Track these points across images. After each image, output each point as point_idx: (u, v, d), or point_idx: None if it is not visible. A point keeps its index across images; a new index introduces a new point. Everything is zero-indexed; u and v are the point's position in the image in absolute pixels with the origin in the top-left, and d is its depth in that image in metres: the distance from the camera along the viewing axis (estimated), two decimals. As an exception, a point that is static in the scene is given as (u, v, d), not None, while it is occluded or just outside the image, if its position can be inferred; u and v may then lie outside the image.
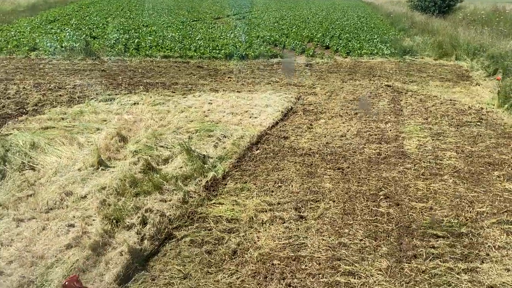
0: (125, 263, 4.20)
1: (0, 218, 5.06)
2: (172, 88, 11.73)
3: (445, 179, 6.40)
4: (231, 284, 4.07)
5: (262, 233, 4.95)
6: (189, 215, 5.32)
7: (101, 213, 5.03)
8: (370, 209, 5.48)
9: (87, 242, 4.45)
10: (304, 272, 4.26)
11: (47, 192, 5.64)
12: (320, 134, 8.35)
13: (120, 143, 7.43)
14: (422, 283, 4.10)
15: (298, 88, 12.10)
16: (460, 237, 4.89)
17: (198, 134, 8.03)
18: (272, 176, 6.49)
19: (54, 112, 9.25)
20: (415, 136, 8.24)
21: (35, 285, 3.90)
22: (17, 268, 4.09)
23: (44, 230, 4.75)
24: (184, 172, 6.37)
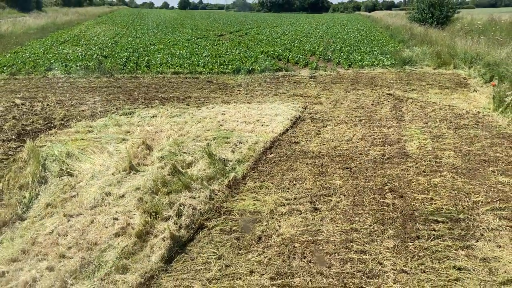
0: (167, 246, 4.87)
1: (51, 215, 5.75)
2: (186, 101, 12.48)
3: (444, 174, 7.06)
4: (260, 261, 4.74)
5: (283, 222, 5.61)
6: (216, 209, 6.00)
7: (140, 208, 5.72)
8: (377, 201, 6.14)
9: (133, 231, 5.13)
10: (322, 251, 4.92)
11: (88, 193, 6.34)
12: (328, 139, 9.04)
13: (146, 151, 8.15)
14: (425, 257, 4.75)
15: (304, 98, 12.84)
16: (458, 222, 5.54)
17: (216, 141, 8.73)
18: (287, 175, 7.17)
19: (80, 125, 9.99)
20: (416, 139, 8.92)
21: (93, 265, 4.57)
22: (76, 252, 4.77)
23: (92, 223, 5.44)
24: (207, 173, 7.06)
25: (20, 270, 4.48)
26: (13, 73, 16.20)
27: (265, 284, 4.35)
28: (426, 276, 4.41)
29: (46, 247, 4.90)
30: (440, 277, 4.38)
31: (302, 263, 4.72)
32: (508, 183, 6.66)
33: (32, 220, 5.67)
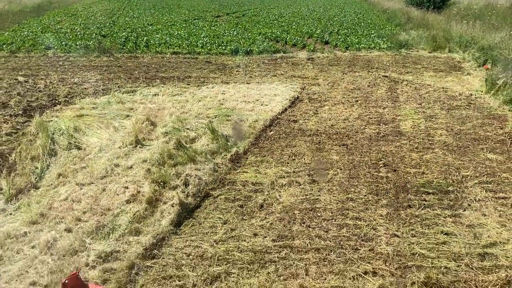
0: (176, 212, 5.22)
1: (64, 184, 6.07)
2: (186, 81, 12.72)
3: (436, 151, 7.43)
4: (262, 226, 5.10)
5: (283, 192, 5.97)
6: (220, 181, 6.34)
7: (149, 178, 6.05)
8: (371, 174, 6.51)
9: (143, 198, 5.47)
10: (320, 218, 5.30)
11: (97, 164, 6.65)
12: (326, 118, 9.36)
13: (150, 127, 8.44)
14: (415, 223, 5.13)
15: (302, 79, 13.10)
16: (447, 193, 5.92)
17: (217, 119, 9.03)
18: (286, 151, 7.51)
19: (84, 102, 10.24)
20: (410, 119, 9.27)
21: (108, 228, 4.91)
22: (91, 216, 5.11)
23: (104, 191, 5.77)
24: (210, 148, 7.38)
25: (40, 231, 4.82)
26: (13, 51, 16.30)
27: (268, 245, 4.72)
28: (416, 240, 4.79)
29: (63, 212, 5.23)
30: (429, 241, 4.77)
31: (302, 228, 5.09)
32: (496, 159, 7.04)
33: (46, 188, 5.99)
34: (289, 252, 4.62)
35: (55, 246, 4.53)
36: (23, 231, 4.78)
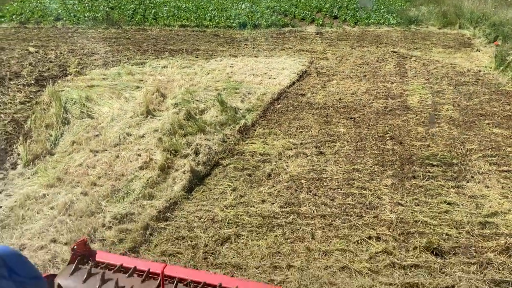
0: (188, 178, 5.41)
1: (78, 151, 6.26)
2: (194, 53, 12.76)
3: (442, 125, 7.53)
4: (270, 193, 5.28)
5: (290, 163, 6.13)
6: (229, 151, 6.50)
7: (161, 146, 6.22)
8: (378, 147, 6.64)
9: (156, 165, 5.65)
10: (326, 187, 5.46)
11: (110, 133, 6.82)
12: (333, 92, 9.44)
13: (160, 98, 8.57)
14: (419, 193, 5.29)
15: (311, 54, 13.10)
16: (451, 166, 6.05)
17: (226, 91, 9.14)
18: (294, 124, 7.63)
19: (94, 73, 10.36)
20: (418, 94, 9.33)
21: (122, 192, 5.11)
22: (106, 181, 5.31)
23: (117, 158, 5.95)
24: (219, 120, 7.52)
25: (58, 193, 5.03)
26: (22, 22, 16.34)
27: (275, 211, 4.90)
28: (419, 208, 4.96)
29: (78, 176, 5.43)
30: (432, 210, 4.93)
31: (308, 196, 5.26)
32: (502, 134, 7.13)
33: (61, 154, 6.19)
34: (296, 217, 4.80)
35: (73, 207, 4.74)
36: (41, 193, 4.99)
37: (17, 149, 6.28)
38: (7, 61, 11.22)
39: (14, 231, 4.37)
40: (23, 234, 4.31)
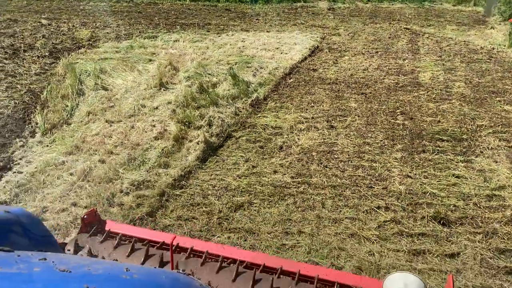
0: (201, 149, 5.55)
1: (94, 121, 6.40)
2: (206, 28, 12.77)
3: (452, 102, 7.55)
4: (282, 164, 5.41)
5: (301, 136, 6.23)
6: (241, 123, 6.62)
7: (174, 118, 6.35)
8: (388, 121, 6.71)
9: (170, 136, 5.79)
10: (337, 159, 5.57)
11: (125, 104, 6.96)
12: (345, 68, 9.45)
13: (172, 71, 8.66)
14: (428, 167, 5.39)
15: (323, 29, 13.04)
16: (461, 141, 6.12)
17: (238, 66, 9.19)
18: (305, 98, 7.70)
19: (107, 46, 10.44)
20: (429, 70, 9.31)
21: (138, 161, 5.27)
22: (123, 150, 5.46)
23: (133, 128, 6.10)
24: (231, 93, 7.60)
25: (76, 161, 5.20)
26: (34, -6, 16.38)
27: (287, 181, 5.04)
28: (428, 181, 5.06)
29: (95, 145, 5.59)
30: (440, 182, 5.04)
31: (319, 168, 5.38)
32: (512, 111, 7.15)
33: (77, 124, 6.34)
34: (307, 187, 4.94)
35: (91, 174, 4.91)
36: (61, 160, 5.16)
37: (35, 118, 6.44)
38: (21, 33, 11.33)
39: (36, 195, 4.56)
40: (45, 198, 4.50)
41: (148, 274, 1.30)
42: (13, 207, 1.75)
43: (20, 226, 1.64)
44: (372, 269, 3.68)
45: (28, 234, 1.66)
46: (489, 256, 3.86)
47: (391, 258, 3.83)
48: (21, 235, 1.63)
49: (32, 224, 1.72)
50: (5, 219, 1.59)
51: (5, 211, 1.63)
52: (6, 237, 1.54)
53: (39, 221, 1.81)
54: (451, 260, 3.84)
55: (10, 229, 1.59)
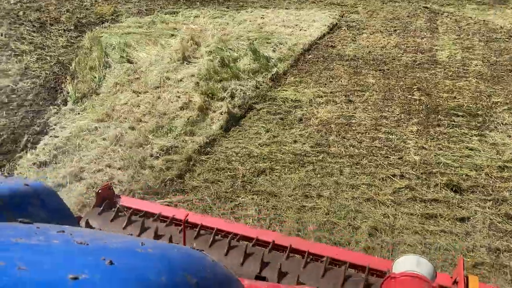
0: (225, 119, 5.82)
1: (121, 92, 6.70)
2: (225, 4, 12.89)
3: (469, 79, 7.68)
4: (301, 135, 5.67)
5: (320, 109, 6.46)
6: (262, 96, 6.86)
7: (198, 90, 6.62)
8: (405, 97, 6.89)
9: (195, 106, 6.07)
10: (354, 131, 5.81)
11: (150, 76, 7.23)
12: (363, 45, 9.57)
13: (194, 46, 8.88)
14: (442, 140, 5.59)
15: (341, 7, 13.07)
16: (476, 116, 6.29)
17: (258, 41, 9.37)
18: (324, 74, 7.89)
19: (130, 21, 10.68)
20: (447, 49, 9.39)
21: (166, 128, 5.57)
22: (151, 118, 5.77)
23: (159, 98, 6.39)
24: (252, 67, 7.82)
25: (108, 127, 5.52)
26: (56, -31, 16.57)
27: (306, 150, 5.30)
28: (442, 152, 5.28)
29: (125, 113, 5.90)
30: (454, 154, 5.25)
31: (337, 138, 5.63)
32: (529, 89, 7.26)
33: (106, 94, 6.66)
34: (325, 156, 5.20)
35: (123, 139, 5.23)
36: (93, 126, 5.49)
37: (65, 87, 6.76)
38: (46, 7, 11.59)
39: (73, 157, 4.91)
40: (81, 159, 4.84)
41: (162, 249, 1.32)
42: (31, 180, 1.75)
43: (39, 199, 1.67)
44: (386, 230, 3.95)
45: (46, 207, 1.69)
46: (498, 221, 4.10)
47: (405, 220, 4.09)
48: (40, 208, 1.65)
49: (50, 197, 1.76)
50: (24, 192, 1.62)
51: (25, 184, 1.67)
52: (26, 209, 1.58)
53: (56, 194, 1.86)
54: (461, 223, 4.09)
55: (29, 201, 1.61)
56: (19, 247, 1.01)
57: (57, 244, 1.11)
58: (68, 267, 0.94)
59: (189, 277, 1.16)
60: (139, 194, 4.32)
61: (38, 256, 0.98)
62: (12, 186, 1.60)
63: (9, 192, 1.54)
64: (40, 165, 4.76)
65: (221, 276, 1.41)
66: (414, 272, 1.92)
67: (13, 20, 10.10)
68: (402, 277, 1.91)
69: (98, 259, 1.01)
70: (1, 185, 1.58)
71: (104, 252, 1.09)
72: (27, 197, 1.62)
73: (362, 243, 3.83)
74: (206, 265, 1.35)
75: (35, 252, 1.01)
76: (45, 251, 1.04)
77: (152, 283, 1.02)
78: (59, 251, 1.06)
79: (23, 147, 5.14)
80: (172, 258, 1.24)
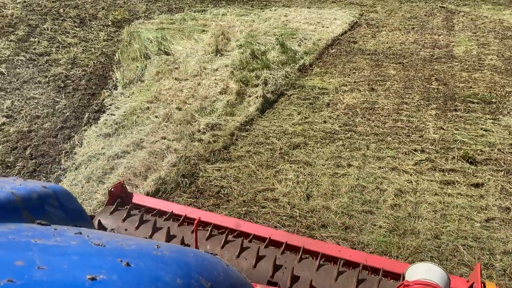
0: (260, 102, 6.46)
1: (164, 79, 7.38)
2: (250, 3, 13.57)
3: (484, 72, 8.21)
4: (330, 116, 6.27)
5: (346, 96, 7.06)
6: (291, 84, 7.48)
7: (233, 78, 7.26)
8: (424, 86, 7.46)
9: (233, 90, 6.71)
10: (378, 114, 6.40)
11: (188, 66, 7.90)
12: (383, 41, 10.15)
13: (225, 40, 9.55)
14: (459, 122, 6.15)
15: (361, 7, 13.66)
16: (490, 103, 6.83)
17: (283, 36, 10.00)
18: (347, 66, 8.49)
19: (162, 18, 11.40)
20: (463, 45, 9.92)
21: (208, 109, 6.22)
22: (194, 101, 6.43)
23: (199, 85, 7.05)
24: (280, 59, 8.45)
25: (158, 107, 6.19)
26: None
27: (335, 129, 5.91)
28: (459, 132, 5.84)
29: (170, 97, 6.57)
30: (469, 133, 5.81)
31: (363, 120, 6.22)
32: (540, 81, 7.77)
33: (150, 81, 7.34)
34: (353, 134, 5.80)
35: (172, 117, 5.89)
36: (145, 106, 6.16)
37: (114, 75, 7.46)
38: (82, 5, 12.37)
39: (132, 130, 5.58)
40: (139, 132, 5.51)
41: (177, 252, 1.33)
42: (50, 183, 1.76)
43: (57, 201, 1.68)
44: (410, 191, 4.55)
45: (63, 209, 1.70)
46: (508, 186, 4.66)
47: (426, 185, 4.68)
48: (57, 210, 1.66)
49: (67, 199, 1.76)
50: (43, 194, 1.63)
51: (43, 187, 1.67)
52: (43, 211, 1.59)
53: (73, 197, 1.87)
54: (476, 188, 4.66)
55: (47, 203, 1.62)
56: (38, 247, 1.03)
57: (74, 245, 1.12)
58: (86, 268, 0.96)
59: (203, 280, 1.18)
60: (194, 160, 4.98)
61: (56, 257, 1.00)
62: (30, 188, 1.61)
63: (27, 194, 1.55)
64: (105, 136, 5.45)
65: (234, 280, 1.44)
66: (428, 281, 1.91)
67: (55, 16, 10.88)
68: (415, 285, 1.91)
69: (115, 261, 1.03)
70: (20, 187, 1.59)
71: (121, 254, 1.11)
72: (45, 199, 1.63)
73: (389, 202, 4.42)
74: (220, 269, 1.37)
75: (53, 253, 1.03)
76: (63, 252, 1.05)
77: (168, 285, 1.04)
78: (76, 252, 1.07)
79: (86, 123, 5.83)
80: (188, 261, 1.26)
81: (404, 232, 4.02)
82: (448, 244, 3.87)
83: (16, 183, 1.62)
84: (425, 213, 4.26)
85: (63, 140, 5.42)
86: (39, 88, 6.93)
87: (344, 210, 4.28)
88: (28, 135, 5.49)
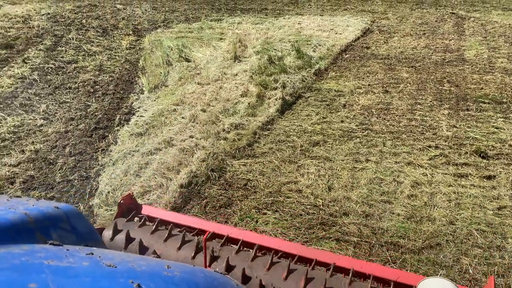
0: (280, 104, 6.80)
1: (187, 84, 7.76)
2: (263, 12, 13.99)
3: (495, 74, 8.47)
4: (347, 116, 6.59)
5: (361, 97, 7.37)
6: (308, 88, 7.82)
7: (253, 82, 7.62)
8: (437, 88, 7.74)
9: (253, 93, 7.07)
10: (393, 114, 6.70)
11: (209, 71, 8.29)
12: (395, 46, 10.47)
13: (242, 47, 9.94)
14: (471, 120, 6.43)
15: (372, 14, 14.01)
16: (501, 103, 7.09)
17: (298, 43, 10.36)
18: (361, 70, 8.81)
19: (180, 27, 11.85)
20: (474, 49, 10.19)
21: (231, 111, 6.57)
22: (217, 103, 6.78)
23: (221, 88, 7.41)
24: (296, 64, 8.80)
25: (183, 109, 6.56)
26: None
27: (352, 127, 6.22)
28: (471, 130, 6.12)
29: (194, 100, 6.94)
30: (481, 131, 6.09)
31: (379, 119, 6.53)
32: (550, 82, 8.01)
33: (173, 86, 7.73)
34: (369, 132, 6.10)
35: (198, 118, 6.25)
36: (172, 108, 6.54)
37: (139, 80, 7.87)
38: (103, 15, 12.90)
39: (162, 129, 5.95)
40: (169, 131, 5.87)
41: (188, 272, 1.34)
42: (62, 204, 1.78)
43: (68, 221, 1.69)
44: (425, 183, 4.83)
45: (75, 229, 1.71)
46: (519, 178, 4.93)
47: (440, 177, 4.96)
48: (69, 230, 1.67)
49: (78, 220, 1.78)
50: (55, 214, 1.64)
51: (55, 207, 1.68)
52: (55, 231, 1.59)
53: (84, 217, 1.88)
54: (488, 180, 4.93)
55: (59, 224, 1.63)
56: (51, 269, 1.04)
57: (86, 266, 1.13)
58: None
59: None
60: (221, 156, 5.33)
61: (68, 279, 1.01)
62: (43, 208, 1.62)
63: (40, 215, 1.56)
64: (137, 135, 5.82)
65: None
66: None
67: (79, 27, 11.39)
68: None
69: (126, 282, 1.04)
70: (33, 207, 1.59)
71: (132, 275, 1.12)
72: (57, 219, 1.63)
73: (405, 192, 4.71)
74: None
75: (66, 275, 1.04)
76: (75, 274, 1.06)
77: None
78: (88, 274, 1.08)
79: (118, 123, 6.22)
80: (197, 282, 1.26)
81: (420, 219, 4.31)
82: (462, 229, 4.14)
83: (29, 204, 1.64)
84: (440, 202, 4.54)
85: (98, 139, 5.81)
86: (70, 93, 7.36)
87: (364, 200, 4.58)
88: (65, 135, 5.89)
